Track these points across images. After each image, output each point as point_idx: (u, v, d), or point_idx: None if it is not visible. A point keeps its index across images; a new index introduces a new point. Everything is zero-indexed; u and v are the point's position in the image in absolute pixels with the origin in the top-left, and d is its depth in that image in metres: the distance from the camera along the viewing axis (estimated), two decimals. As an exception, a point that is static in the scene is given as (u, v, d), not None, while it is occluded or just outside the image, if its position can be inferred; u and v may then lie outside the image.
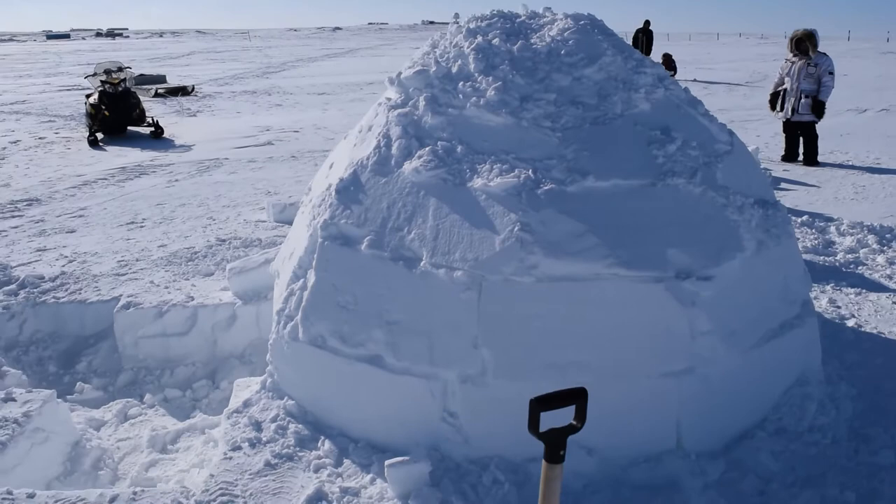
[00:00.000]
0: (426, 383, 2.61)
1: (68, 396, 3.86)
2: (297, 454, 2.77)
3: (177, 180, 7.91)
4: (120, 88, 10.35)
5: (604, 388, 2.53)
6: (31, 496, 2.57)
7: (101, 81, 10.45)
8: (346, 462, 2.74)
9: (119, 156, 9.37)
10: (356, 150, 3.08)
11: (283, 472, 2.72)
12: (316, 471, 2.68)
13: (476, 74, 2.97)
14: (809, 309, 3.11)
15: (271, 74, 24.38)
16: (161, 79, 18.96)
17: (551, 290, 2.52)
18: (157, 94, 17.11)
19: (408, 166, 2.81)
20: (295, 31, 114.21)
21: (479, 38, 3.08)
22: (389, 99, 3.12)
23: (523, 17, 3.35)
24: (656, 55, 18.75)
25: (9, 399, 3.19)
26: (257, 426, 2.87)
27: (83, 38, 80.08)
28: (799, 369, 3.05)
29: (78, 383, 3.97)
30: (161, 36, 78.12)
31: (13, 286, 4.46)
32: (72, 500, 2.56)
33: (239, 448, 2.83)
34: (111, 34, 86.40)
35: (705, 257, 2.65)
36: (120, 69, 10.95)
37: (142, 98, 14.39)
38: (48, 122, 12.63)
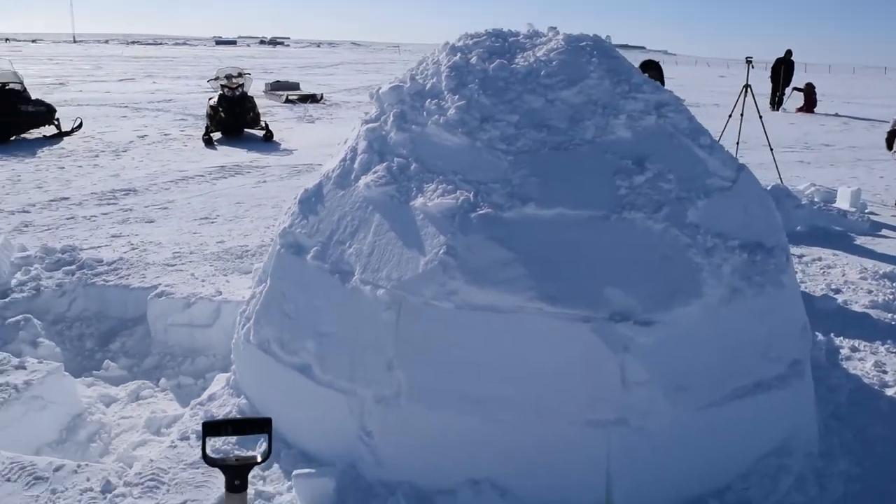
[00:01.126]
0: (346, 399, 2.60)
1: (94, 372, 4.20)
2: (231, 453, 2.84)
3: (265, 181, 8.37)
4: (237, 93, 11.14)
5: (524, 428, 2.42)
6: (-14, 455, 2.81)
7: (221, 86, 11.31)
8: (275, 467, 2.78)
9: (225, 155, 10.07)
10: (328, 162, 3.13)
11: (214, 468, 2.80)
12: (241, 471, 2.74)
13: (445, 93, 2.92)
14: (800, 370, 2.77)
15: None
16: (294, 86, 20.15)
17: (471, 318, 2.42)
18: (287, 100, 18.22)
19: (362, 181, 2.81)
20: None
21: (458, 56, 3.03)
22: (367, 113, 3.14)
23: (520, 37, 3.26)
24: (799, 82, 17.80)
25: (20, 367, 3.52)
26: (205, 421, 2.98)
27: (248, 45, 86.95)
28: (780, 437, 2.72)
29: (106, 361, 4.30)
30: (318, 46, 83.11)
31: (73, 267, 4.91)
32: (24, 464, 2.79)
33: (187, 438, 2.94)
34: (273, 42, 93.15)
35: (651, 301, 2.43)
36: (240, 74, 11.78)
37: (274, 103, 15.33)
38: (181, 119, 13.82)
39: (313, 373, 2.68)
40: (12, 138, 10.65)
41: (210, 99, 11.43)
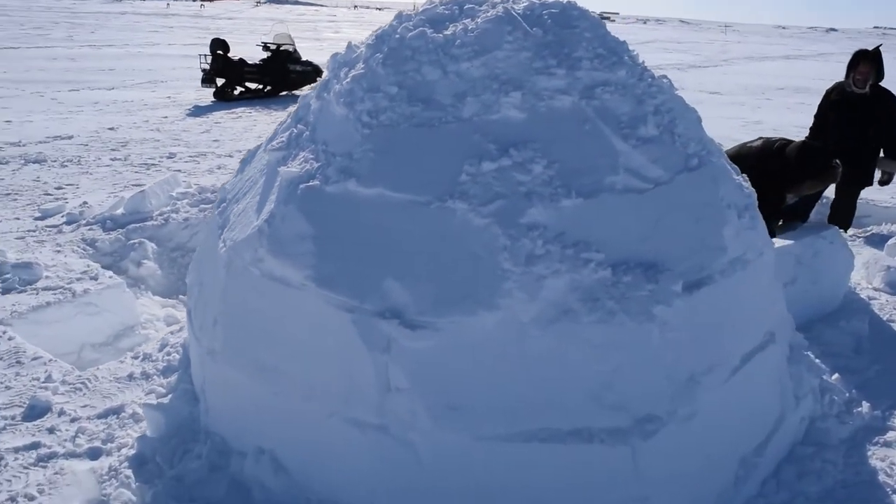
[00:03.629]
0: (197, 346, 2.76)
1: (181, 296, 4.92)
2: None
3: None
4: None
5: (300, 408, 2.39)
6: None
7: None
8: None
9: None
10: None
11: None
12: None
13: (359, 62, 2.82)
14: (652, 430, 2.16)
15: (702, 68, 23.37)
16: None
17: (270, 288, 2.39)
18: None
19: (270, 145, 2.90)
20: (783, 28, 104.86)
21: (396, 23, 2.88)
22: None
23: (479, 4, 2.96)
24: None
25: (91, 278, 4.34)
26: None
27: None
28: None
29: (190, 290, 5.03)
30: (645, 23, 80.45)
31: (204, 205, 5.77)
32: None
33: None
34: (600, 17, 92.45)
35: (431, 302, 2.13)
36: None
37: None
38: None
39: (191, 320, 2.90)
40: (282, 93, 12.59)
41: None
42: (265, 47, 12.70)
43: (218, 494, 2.45)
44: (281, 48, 12.62)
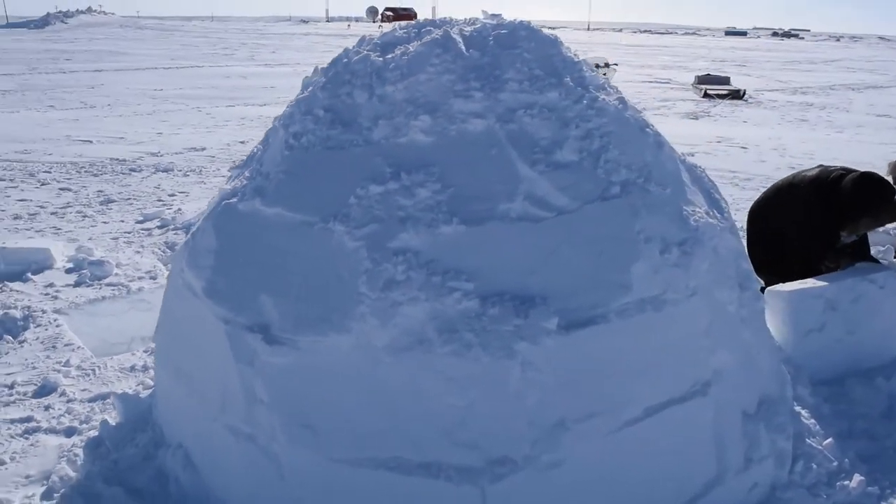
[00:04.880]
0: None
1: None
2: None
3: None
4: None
5: (190, 410, 2.55)
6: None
7: None
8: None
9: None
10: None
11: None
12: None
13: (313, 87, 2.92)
14: (508, 459, 2.03)
15: (882, 88, 20.95)
16: (724, 80, 18.84)
17: (185, 296, 2.55)
18: (705, 95, 17.27)
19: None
20: None
21: (351, 49, 2.95)
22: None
23: (435, 27, 2.94)
24: None
25: (150, 278, 4.83)
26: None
27: (758, 36, 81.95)
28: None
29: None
30: (837, 40, 73.11)
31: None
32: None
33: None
34: (787, 34, 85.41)
35: (294, 320, 2.17)
36: (607, 65, 11.95)
37: (693, 97, 14.83)
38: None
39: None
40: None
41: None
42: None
43: (142, 481, 2.65)
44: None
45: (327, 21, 67.87)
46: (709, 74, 19.56)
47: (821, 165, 3.93)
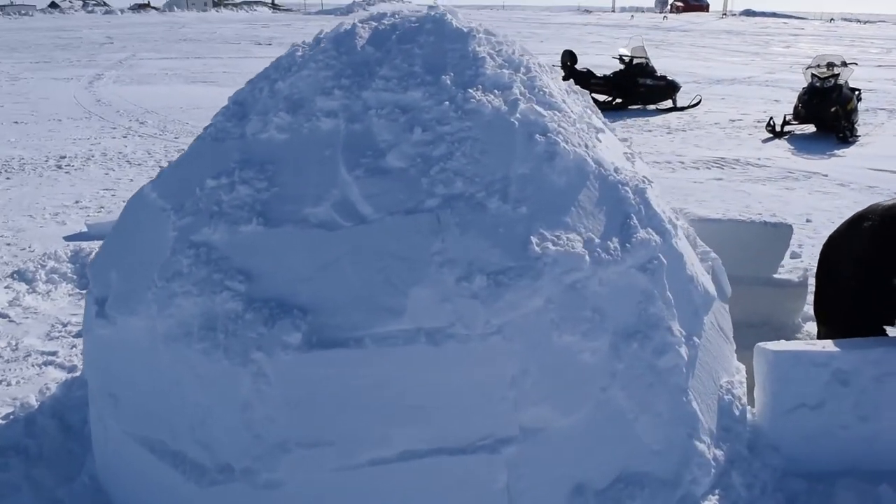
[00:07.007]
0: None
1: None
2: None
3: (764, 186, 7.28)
4: (826, 84, 9.58)
5: None
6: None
7: (812, 74, 9.90)
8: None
9: (758, 149, 9.11)
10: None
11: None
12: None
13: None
14: (229, 467, 1.96)
15: None
16: None
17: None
18: None
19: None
20: None
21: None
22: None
23: (381, 18, 2.83)
24: None
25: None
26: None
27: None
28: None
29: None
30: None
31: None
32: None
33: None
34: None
35: (116, 299, 2.34)
36: (844, 64, 9.96)
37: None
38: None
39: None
40: (633, 107, 12.27)
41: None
42: (620, 59, 12.54)
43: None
44: (634, 61, 12.30)
45: (612, 11, 66.36)
46: None
47: None
